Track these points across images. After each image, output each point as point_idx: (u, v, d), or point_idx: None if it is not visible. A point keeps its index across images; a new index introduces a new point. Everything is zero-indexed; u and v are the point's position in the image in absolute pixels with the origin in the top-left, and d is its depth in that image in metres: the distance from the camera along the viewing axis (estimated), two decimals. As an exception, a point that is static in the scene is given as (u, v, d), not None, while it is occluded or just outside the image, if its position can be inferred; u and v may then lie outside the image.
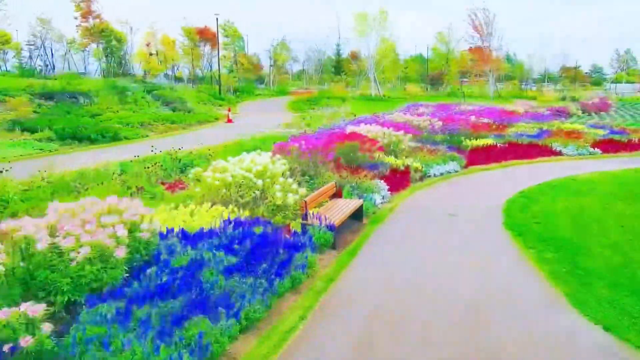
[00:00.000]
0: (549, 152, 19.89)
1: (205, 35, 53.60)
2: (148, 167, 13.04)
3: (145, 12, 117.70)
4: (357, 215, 10.89)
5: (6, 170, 12.51)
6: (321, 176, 12.38)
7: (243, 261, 6.83)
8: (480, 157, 18.06)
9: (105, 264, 5.55)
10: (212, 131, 25.67)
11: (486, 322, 6.38)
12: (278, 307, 6.66)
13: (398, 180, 14.01)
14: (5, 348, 4.10)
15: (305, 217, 9.27)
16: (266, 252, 7.21)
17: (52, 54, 59.67)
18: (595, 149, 20.56)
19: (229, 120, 29.73)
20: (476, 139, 19.66)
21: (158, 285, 5.53)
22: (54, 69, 57.50)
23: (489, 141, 19.68)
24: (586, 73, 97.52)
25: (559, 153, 19.92)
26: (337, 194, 11.52)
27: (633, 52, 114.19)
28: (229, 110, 31.22)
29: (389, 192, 12.80)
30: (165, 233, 6.98)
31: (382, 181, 12.98)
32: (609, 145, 21.08)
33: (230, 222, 7.99)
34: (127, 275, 5.89)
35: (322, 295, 7.20)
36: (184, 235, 7.00)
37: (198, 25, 57.68)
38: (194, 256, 6.44)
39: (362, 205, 10.94)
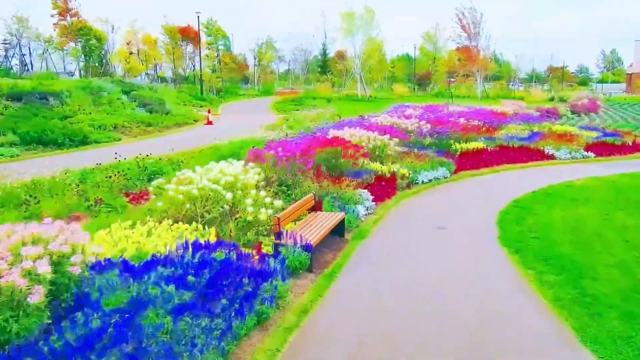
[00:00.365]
0: (541, 155, 19.07)
1: (187, 34, 52.14)
2: (110, 177, 11.88)
3: (128, 10, 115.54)
4: (338, 229, 9.89)
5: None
6: (300, 186, 11.34)
7: (198, 297, 5.77)
8: (470, 161, 17.17)
9: (16, 312, 4.46)
10: (189, 134, 24.50)
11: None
12: (239, 351, 5.61)
13: (383, 188, 13.03)
14: None
15: (278, 236, 8.23)
16: (228, 284, 6.16)
17: (30, 53, 57.88)
18: (589, 152, 19.80)
19: (209, 122, 28.52)
20: (466, 142, 18.76)
21: (81, 336, 4.45)
22: (32, 68, 55.72)
23: (479, 145, 18.80)
24: (572, 73, 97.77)
25: (552, 157, 19.11)
26: (317, 206, 10.50)
27: (618, 52, 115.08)
28: (209, 111, 29.99)
29: (374, 203, 11.81)
30: (105, 264, 5.87)
31: (366, 190, 11.99)
32: (602, 149, 20.34)
33: (188, 246, 6.91)
34: (50, 322, 4.81)
35: (293, 332, 6.17)
36: (126, 267, 5.90)
37: (181, 24, 56.37)
38: (137, 293, 5.37)
39: (343, 219, 9.93)
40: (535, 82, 77.86)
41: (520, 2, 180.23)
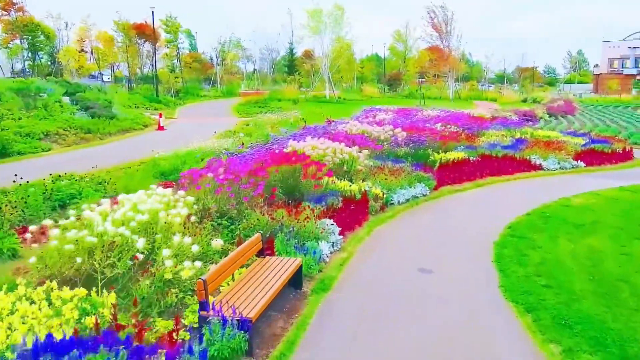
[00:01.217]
0: (527, 165, 17.12)
1: (143, 31, 48.64)
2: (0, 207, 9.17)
3: (83, 6, 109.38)
4: (295, 279, 7.52)
5: None
6: (247, 218, 8.90)
7: None
8: (452, 174, 15.03)
9: None
10: (133, 142, 21.63)
11: None
12: None
13: (353, 213, 10.69)
14: None
15: (204, 305, 5.79)
16: None
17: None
18: (579, 161, 17.97)
19: (160, 128, 25.63)
20: (445, 152, 16.64)
21: None
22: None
23: (460, 154, 16.68)
24: (540, 74, 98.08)
25: (539, 167, 17.20)
26: (268, 246, 8.13)
27: (584, 53, 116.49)
28: (160, 115, 27.12)
29: (341, 237, 9.46)
30: None
31: (332, 220, 9.61)
32: (592, 157, 18.56)
33: (39, 349, 4.40)
34: None
35: None
36: None
37: (140, 21, 52.76)
38: None
39: (300, 266, 7.56)
40: (506, 82, 77.05)
41: (485, 3, 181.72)
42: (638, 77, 72.82)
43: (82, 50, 49.41)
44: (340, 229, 9.57)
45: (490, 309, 7.00)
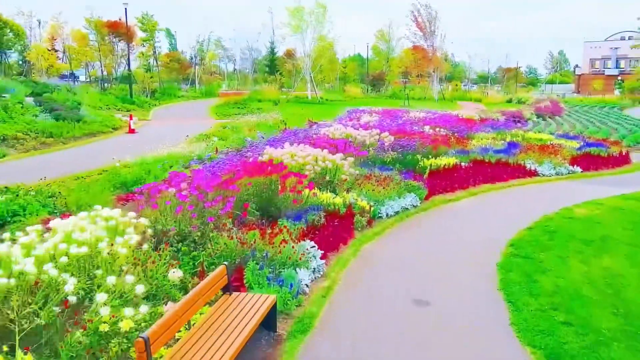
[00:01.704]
0: (522, 171, 16.07)
1: (116, 29, 46.68)
2: None
3: (57, 4, 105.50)
4: (268, 320, 6.23)
5: None
6: (213, 242, 7.57)
7: None
8: (443, 182, 13.89)
9: None
10: (99, 147, 20.02)
11: None
12: None
13: (337, 231, 9.42)
14: None
15: (145, 371, 4.45)
16: None
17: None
18: (575, 166, 16.99)
19: (131, 131, 24.06)
20: (435, 158, 15.49)
21: None
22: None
23: (451, 160, 15.54)
24: (522, 74, 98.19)
25: (534, 173, 16.16)
26: (238, 276, 6.83)
27: (565, 53, 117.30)
28: (131, 117, 25.51)
29: (323, 261, 8.18)
30: None
31: (313, 242, 8.32)
32: (588, 161, 17.61)
33: None
34: None
35: None
36: None
37: (112, 19, 50.67)
38: None
39: (274, 304, 6.26)
40: (489, 83, 76.55)
41: (468, 3, 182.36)
42: (619, 78, 72.94)
43: (53, 49, 47.25)
44: (322, 252, 8.29)
45: (503, 356, 5.78)
